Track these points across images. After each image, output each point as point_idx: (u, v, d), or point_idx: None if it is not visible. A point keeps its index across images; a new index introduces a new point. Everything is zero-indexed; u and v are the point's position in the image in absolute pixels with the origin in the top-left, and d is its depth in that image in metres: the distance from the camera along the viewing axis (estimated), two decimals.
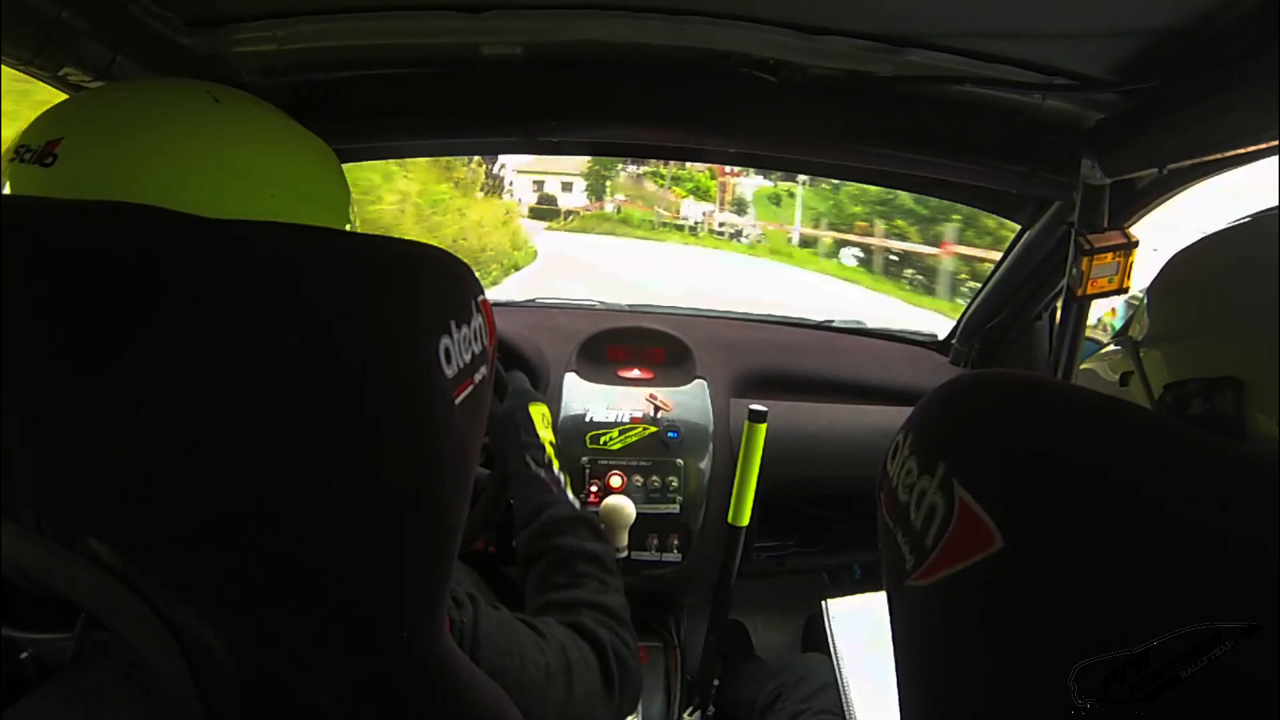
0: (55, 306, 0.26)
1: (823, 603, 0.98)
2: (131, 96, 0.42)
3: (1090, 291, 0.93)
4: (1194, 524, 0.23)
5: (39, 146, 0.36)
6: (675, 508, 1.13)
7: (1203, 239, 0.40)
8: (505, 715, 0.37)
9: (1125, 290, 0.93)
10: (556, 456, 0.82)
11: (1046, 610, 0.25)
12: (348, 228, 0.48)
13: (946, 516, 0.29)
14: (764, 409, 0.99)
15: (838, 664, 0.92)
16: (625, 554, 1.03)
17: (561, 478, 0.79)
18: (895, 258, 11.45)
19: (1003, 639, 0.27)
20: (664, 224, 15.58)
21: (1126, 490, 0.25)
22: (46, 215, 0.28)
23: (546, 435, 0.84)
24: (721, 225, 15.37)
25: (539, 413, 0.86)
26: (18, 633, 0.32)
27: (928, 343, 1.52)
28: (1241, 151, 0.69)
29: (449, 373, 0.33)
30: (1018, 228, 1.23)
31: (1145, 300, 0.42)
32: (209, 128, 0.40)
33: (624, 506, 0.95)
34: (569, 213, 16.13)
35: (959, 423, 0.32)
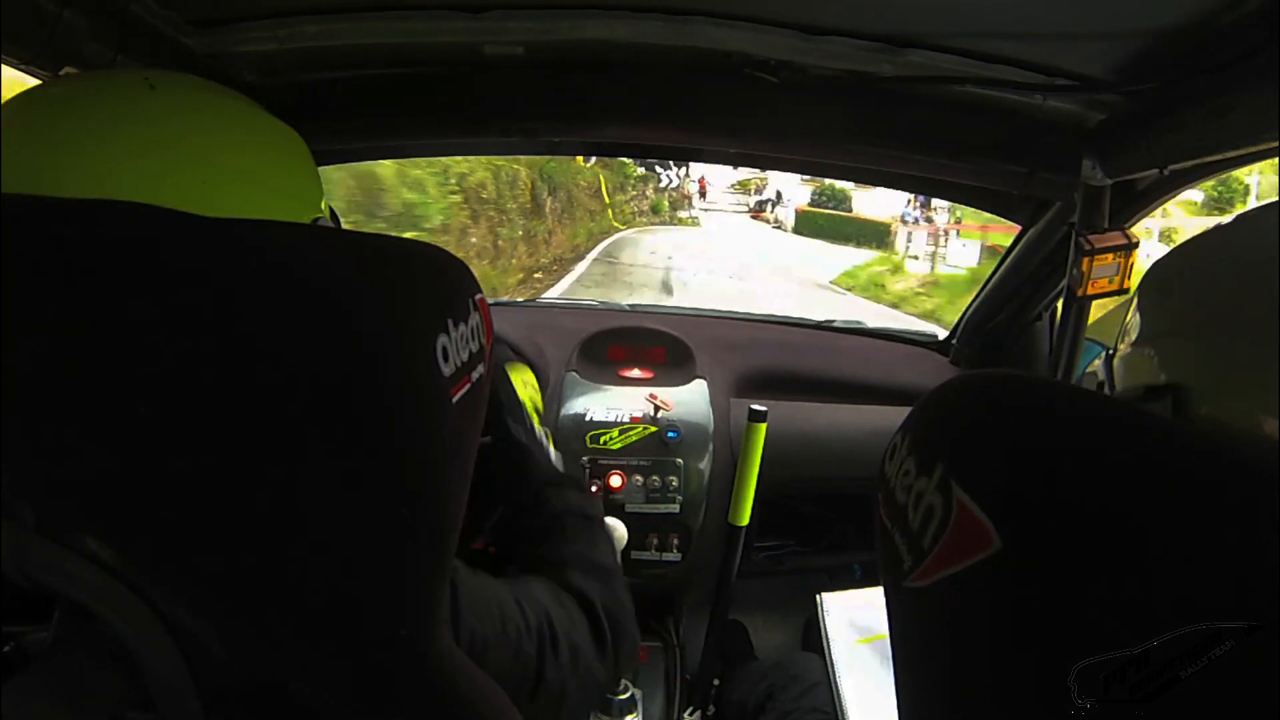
0: (56, 305, 0.26)
1: (817, 596, 0.98)
2: (66, 88, 0.42)
3: (1090, 292, 0.93)
4: (1192, 525, 0.23)
5: None
6: (675, 507, 1.13)
7: (1182, 243, 0.39)
8: (505, 715, 0.37)
9: (1125, 291, 0.94)
10: (542, 423, 0.77)
11: (1045, 611, 0.25)
12: (319, 219, 0.47)
13: (944, 517, 0.29)
14: (764, 409, 0.99)
15: (830, 658, 0.92)
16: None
17: (543, 434, 0.72)
18: None
19: (1001, 640, 0.27)
20: None
21: (1126, 491, 0.25)
22: (47, 213, 0.28)
23: (527, 394, 0.78)
24: None
25: (520, 378, 0.80)
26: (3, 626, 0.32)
27: (928, 343, 1.51)
28: (1242, 152, 0.69)
29: (446, 371, 0.33)
30: None
31: (1131, 306, 0.42)
32: (142, 112, 0.39)
33: (615, 528, 0.93)
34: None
35: (957, 423, 0.32)
